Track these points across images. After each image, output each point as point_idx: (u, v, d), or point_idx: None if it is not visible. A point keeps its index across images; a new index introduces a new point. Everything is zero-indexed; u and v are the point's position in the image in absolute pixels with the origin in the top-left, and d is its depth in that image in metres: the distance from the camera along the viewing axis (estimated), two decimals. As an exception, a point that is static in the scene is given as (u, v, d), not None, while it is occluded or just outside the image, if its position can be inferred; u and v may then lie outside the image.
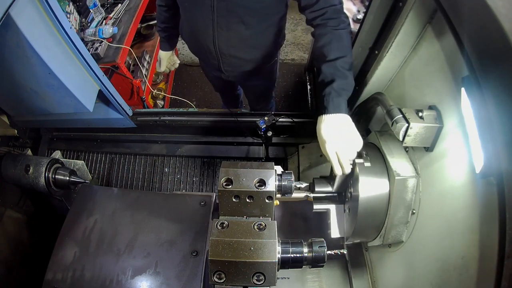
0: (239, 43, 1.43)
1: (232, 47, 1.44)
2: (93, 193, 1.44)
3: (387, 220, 1.01)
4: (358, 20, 2.20)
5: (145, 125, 1.94)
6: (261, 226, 0.85)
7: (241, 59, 1.51)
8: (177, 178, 2.05)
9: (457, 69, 0.81)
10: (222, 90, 2.18)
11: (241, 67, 1.57)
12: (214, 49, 1.45)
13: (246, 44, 1.45)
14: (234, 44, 1.43)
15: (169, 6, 1.56)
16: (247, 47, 1.47)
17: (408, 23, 0.98)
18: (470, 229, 0.74)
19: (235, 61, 1.51)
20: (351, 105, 1.39)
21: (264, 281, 0.79)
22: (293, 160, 1.97)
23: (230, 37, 1.39)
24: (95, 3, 2.30)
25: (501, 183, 0.56)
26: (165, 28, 1.68)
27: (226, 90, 2.15)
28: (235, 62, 1.52)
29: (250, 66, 1.57)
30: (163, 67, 1.85)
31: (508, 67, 0.53)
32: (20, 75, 1.39)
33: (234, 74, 1.62)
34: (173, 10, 1.56)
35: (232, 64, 1.53)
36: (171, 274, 1.19)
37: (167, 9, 1.58)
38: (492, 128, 0.58)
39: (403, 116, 0.91)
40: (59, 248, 1.28)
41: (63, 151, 2.08)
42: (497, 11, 0.54)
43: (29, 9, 1.14)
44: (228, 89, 2.14)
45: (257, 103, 2.07)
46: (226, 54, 1.47)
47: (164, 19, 1.64)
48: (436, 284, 0.86)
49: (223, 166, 0.93)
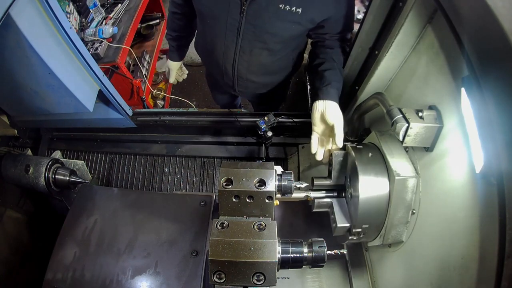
0: (259, 69, 1.39)
1: (251, 73, 1.40)
2: (93, 193, 1.44)
3: (387, 220, 1.01)
4: (358, 20, 2.20)
5: (145, 125, 1.94)
6: (261, 226, 0.85)
7: (257, 84, 1.48)
8: (177, 178, 2.05)
9: (457, 69, 0.81)
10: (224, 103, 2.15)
11: (255, 89, 1.54)
12: (232, 72, 1.40)
13: (266, 70, 1.41)
14: (254, 69, 1.39)
15: (185, 14, 1.46)
16: (266, 73, 1.43)
17: (408, 23, 0.98)
18: (470, 229, 0.74)
19: (251, 84, 1.47)
20: (351, 105, 1.40)
21: (264, 281, 0.79)
22: (293, 160, 1.97)
23: (251, 62, 1.35)
24: (95, 3, 2.30)
25: (501, 183, 0.56)
26: (177, 37, 1.58)
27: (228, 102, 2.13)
28: (251, 85, 1.48)
29: (265, 89, 1.55)
30: (172, 78, 1.77)
31: (508, 67, 0.53)
32: (20, 75, 1.39)
33: (247, 95, 1.59)
34: (188, 18, 1.47)
35: (248, 87, 1.49)
36: (171, 274, 1.19)
37: (182, 17, 1.48)
38: (492, 128, 0.58)
39: (403, 116, 0.91)
40: (59, 248, 1.28)
41: (63, 151, 2.08)
42: (497, 11, 0.54)
43: (29, 9, 1.14)
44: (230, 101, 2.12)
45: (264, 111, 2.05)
46: (244, 78, 1.43)
47: (176, 27, 1.53)
48: (436, 284, 0.86)
49: (223, 166, 0.93)
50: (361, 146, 1.08)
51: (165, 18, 2.99)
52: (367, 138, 1.20)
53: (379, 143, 1.07)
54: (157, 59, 2.85)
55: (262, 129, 1.48)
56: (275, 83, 1.52)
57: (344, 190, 1.14)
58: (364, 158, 1.03)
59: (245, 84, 1.47)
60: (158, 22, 2.92)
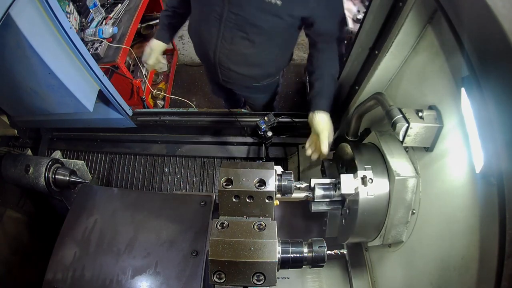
0: (239, 59, 1.40)
1: (232, 62, 1.41)
2: (93, 193, 1.44)
3: (387, 220, 1.01)
4: (358, 20, 2.20)
5: (145, 125, 1.94)
6: (261, 226, 0.84)
7: (239, 74, 1.48)
8: (177, 178, 2.05)
9: (457, 69, 0.81)
10: (222, 96, 2.14)
11: (238, 80, 1.54)
12: (213, 59, 1.42)
13: (247, 61, 1.42)
14: (235, 59, 1.40)
15: None
16: (247, 64, 1.44)
17: (408, 23, 0.98)
18: (470, 229, 0.74)
19: (234, 74, 1.48)
20: (351, 105, 1.40)
21: (264, 281, 0.79)
22: (293, 160, 1.97)
23: (232, 51, 1.36)
24: (95, 3, 2.30)
25: (501, 183, 0.56)
26: (173, 13, 1.53)
27: (226, 95, 2.12)
28: (233, 75, 1.49)
29: (249, 82, 1.55)
30: (152, 59, 1.60)
31: (508, 67, 0.53)
32: (20, 75, 1.39)
33: (232, 85, 1.59)
34: None
35: (231, 76, 1.50)
36: (171, 274, 1.19)
37: None
38: (492, 128, 0.58)
39: (403, 116, 0.91)
40: (59, 248, 1.28)
41: (63, 151, 2.08)
42: (497, 11, 0.54)
43: (29, 9, 1.14)
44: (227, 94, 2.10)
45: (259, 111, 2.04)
46: (225, 67, 1.44)
47: (175, 2, 1.51)
48: (436, 284, 0.86)
49: (223, 166, 0.93)
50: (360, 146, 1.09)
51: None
52: (367, 138, 1.20)
53: (379, 143, 1.07)
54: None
55: (262, 129, 1.48)
56: (258, 76, 1.53)
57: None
58: (364, 158, 1.03)
59: (227, 73, 1.48)
60: (158, 22, 2.92)
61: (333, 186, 1.09)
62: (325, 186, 1.12)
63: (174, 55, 3.32)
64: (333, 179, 1.13)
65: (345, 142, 1.18)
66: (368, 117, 1.33)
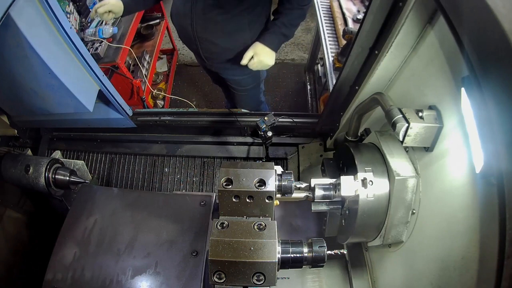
0: (214, 28, 1.45)
1: (207, 32, 1.47)
2: (93, 193, 1.44)
3: (387, 220, 1.01)
4: (358, 20, 2.20)
5: (145, 125, 1.94)
6: (261, 226, 0.84)
7: (217, 46, 1.53)
8: (177, 178, 2.05)
9: (457, 69, 0.81)
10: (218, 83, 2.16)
11: (218, 54, 1.58)
12: (192, 32, 1.47)
13: (221, 30, 1.47)
14: (210, 28, 1.45)
15: None
16: (222, 33, 1.49)
17: (408, 23, 0.98)
18: (470, 229, 0.74)
19: (212, 47, 1.53)
20: (351, 105, 1.40)
21: (264, 281, 0.79)
22: (293, 160, 1.97)
23: (206, 21, 1.42)
24: (95, 3, 2.30)
25: (501, 183, 0.56)
26: None
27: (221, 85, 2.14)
28: (212, 48, 1.54)
29: (228, 55, 1.58)
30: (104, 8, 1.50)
31: (508, 67, 0.53)
32: (20, 75, 1.39)
33: (214, 62, 1.63)
34: None
35: (210, 50, 1.55)
36: (171, 274, 1.19)
37: None
38: (492, 128, 0.57)
39: (403, 116, 0.91)
40: (59, 248, 1.28)
41: (63, 151, 2.08)
42: (497, 11, 0.54)
43: (29, 9, 1.14)
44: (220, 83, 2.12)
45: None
46: (203, 38, 1.49)
47: None
48: (436, 284, 0.86)
49: (223, 166, 0.93)
50: (360, 146, 1.09)
51: (165, 18, 2.99)
52: (367, 138, 1.20)
53: (379, 143, 1.07)
54: (157, 59, 2.85)
55: (262, 129, 1.48)
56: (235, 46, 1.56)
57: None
58: (364, 158, 1.03)
59: (206, 47, 1.54)
60: (158, 22, 2.93)
61: (333, 187, 1.09)
62: (325, 187, 1.12)
63: (174, 55, 3.33)
64: (333, 180, 1.13)
65: (345, 142, 1.18)
66: (368, 117, 1.33)
